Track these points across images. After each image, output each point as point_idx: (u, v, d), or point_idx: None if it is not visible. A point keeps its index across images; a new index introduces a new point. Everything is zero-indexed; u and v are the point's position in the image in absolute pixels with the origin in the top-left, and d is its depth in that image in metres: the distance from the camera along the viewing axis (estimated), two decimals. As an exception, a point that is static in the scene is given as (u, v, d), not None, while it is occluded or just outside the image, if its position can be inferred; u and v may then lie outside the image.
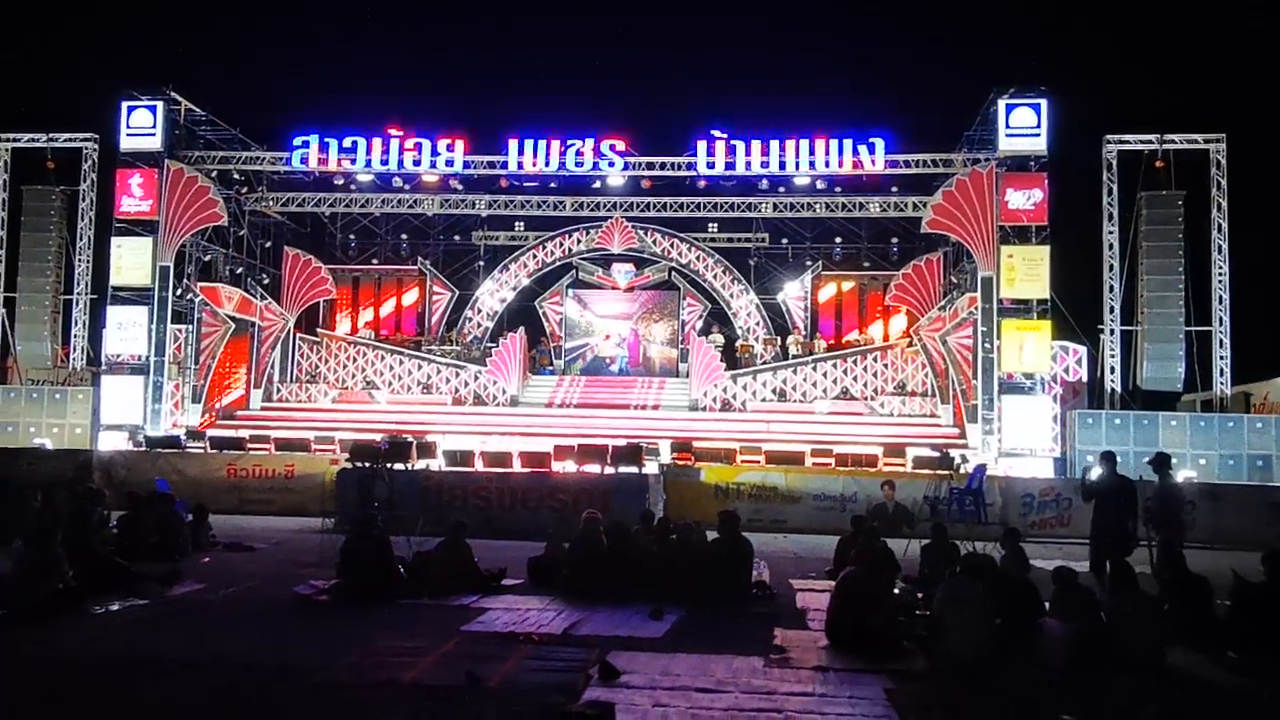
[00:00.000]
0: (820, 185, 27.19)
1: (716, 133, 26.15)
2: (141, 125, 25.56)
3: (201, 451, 21.73)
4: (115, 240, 25.60)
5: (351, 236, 32.44)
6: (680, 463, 19.88)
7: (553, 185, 28.43)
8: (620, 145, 26.50)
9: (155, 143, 25.49)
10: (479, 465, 18.77)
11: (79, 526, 11.17)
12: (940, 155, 25.90)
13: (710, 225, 30.66)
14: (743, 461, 19.97)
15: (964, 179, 24.41)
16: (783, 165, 26.01)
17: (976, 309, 24.21)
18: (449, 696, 6.60)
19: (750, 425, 25.93)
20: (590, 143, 26.39)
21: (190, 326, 26.54)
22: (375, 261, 32.26)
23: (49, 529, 10.13)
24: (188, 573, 11.32)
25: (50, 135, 28.52)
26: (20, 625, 8.58)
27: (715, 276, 31.04)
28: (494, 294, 31.57)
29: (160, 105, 25.51)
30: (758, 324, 30.79)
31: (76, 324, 28.43)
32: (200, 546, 13.43)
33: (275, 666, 7.46)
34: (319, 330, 31.02)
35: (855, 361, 29.08)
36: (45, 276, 28.27)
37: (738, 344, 30.36)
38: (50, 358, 28.16)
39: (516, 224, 31.25)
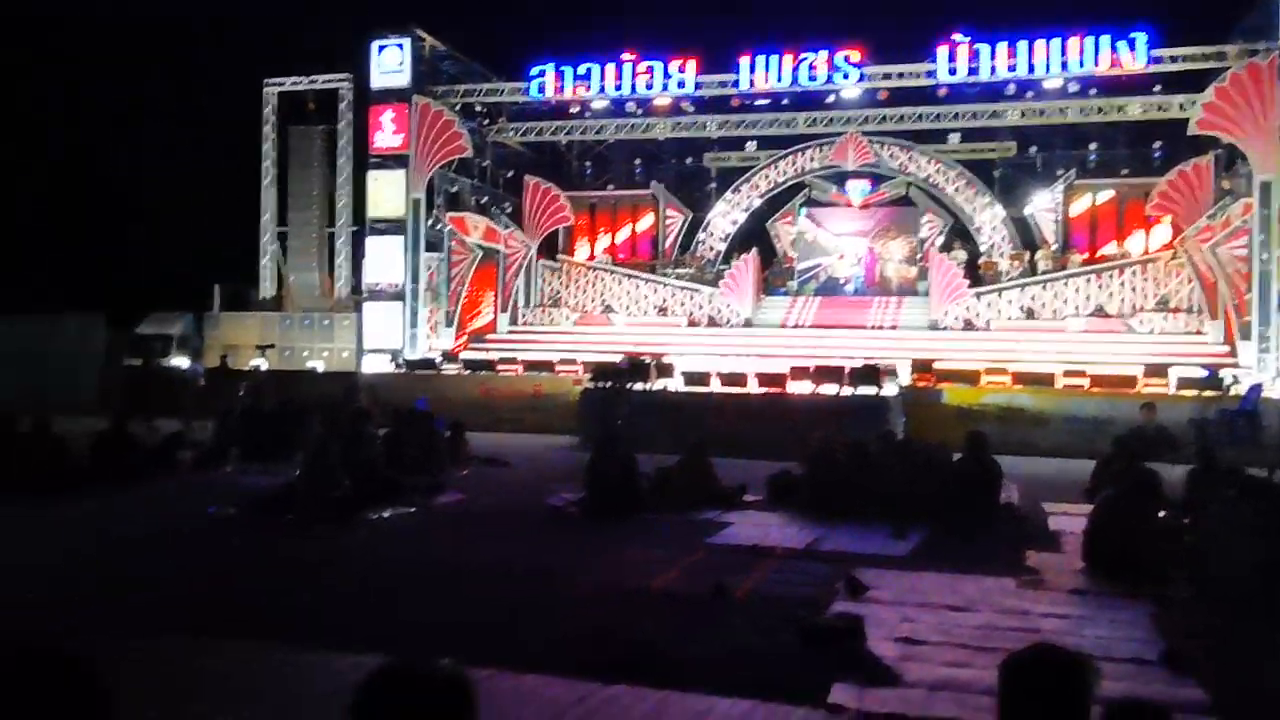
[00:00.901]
0: (1073, 88, 25.34)
1: (958, 36, 24.80)
2: (391, 64, 26.87)
3: (455, 373, 23.05)
4: (371, 175, 27.19)
5: (588, 163, 33.10)
6: (920, 384, 19.40)
7: (785, 102, 27.87)
8: (855, 56, 25.62)
9: (404, 79, 26.74)
10: (715, 385, 18.97)
11: (353, 442, 12.12)
12: (1211, 48, 23.57)
13: (951, 136, 29.27)
14: (988, 383, 19.26)
15: (1239, 73, 22.14)
16: (1031, 68, 24.42)
17: (1252, 217, 22.08)
18: (697, 605, 6.79)
19: (996, 345, 24.86)
20: (824, 55, 25.66)
21: (441, 255, 27.95)
22: (611, 187, 32.81)
23: (327, 444, 11.06)
24: (448, 485, 12.10)
25: (310, 78, 30.46)
26: (308, 529, 9.44)
27: (957, 190, 29.70)
28: (726, 216, 31.51)
29: (407, 43, 26.70)
30: (1004, 239, 29.30)
31: (340, 255, 30.51)
32: (458, 461, 14.27)
33: (531, 569, 7.91)
34: (559, 256, 31.99)
35: (1112, 277, 27.24)
36: (311, 211, 30.45)
37: (981, 260, 29.02)
38: (318, 287, 30.44)
39: (748, 144, 30.90)
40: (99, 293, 27.76)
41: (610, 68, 26.79)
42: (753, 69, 26.00)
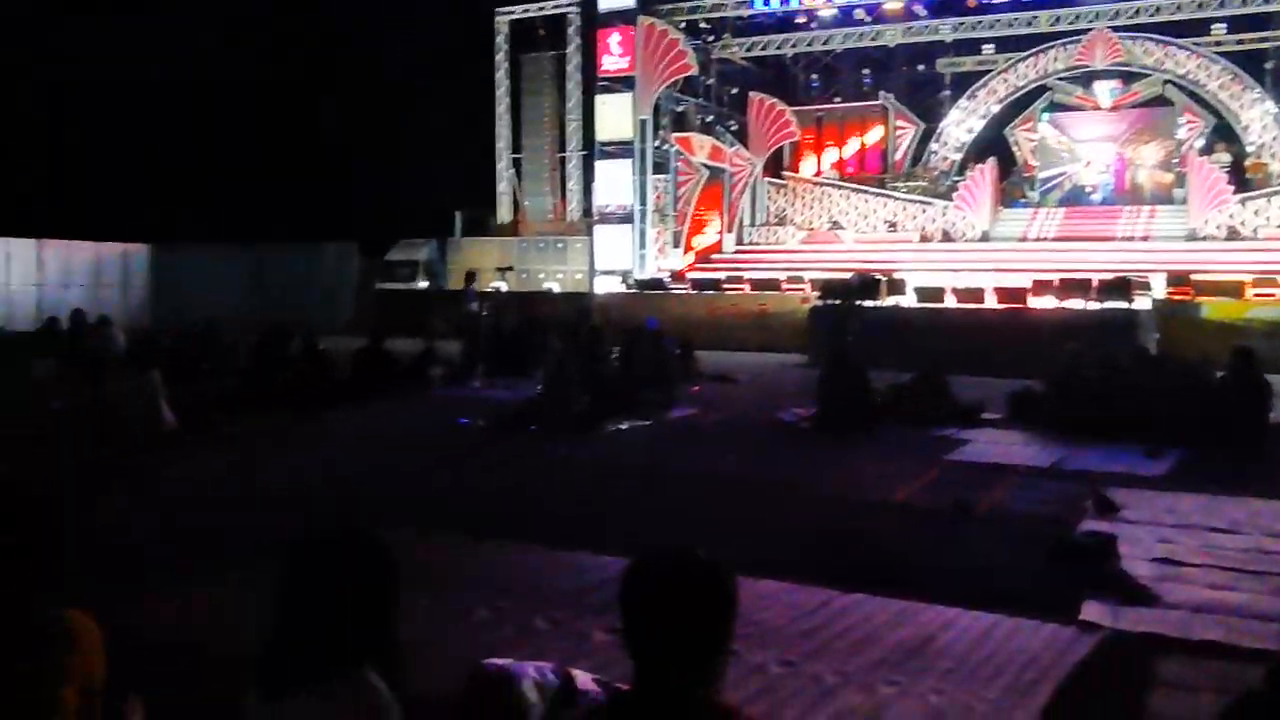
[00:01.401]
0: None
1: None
2: (616, -15, 27.02)
3: (683, 293, 23.31)
4: (599, 98, 27.59)
5: (813, 76, 32.31)
6: (1176, 297, 18.09)
7: (1025, 0, 26.21)
8: (1106, -56, 23.69)
9: (629, 0, 26.83)
10: (950, 302, 18.37)
11: (590, 359, 12.58)
12: None
13: (1214, 26, 26.64)
14: (1254, 296, 17.74)
15: None
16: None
17: None
18: (937, 519, 6.71)
19: (1264, 255, 22.79)
20: (1070, -54, 23.88)
21: (668, 176, 28.16)
22: (837, 100, 31.94)
23: (566, 361, 11.53)
24: (680, 400, 12.36)
25: (540, 4, 31.04)
26: (551, 439, 9.91)
27: (1221, 86, 27.07)
28: (960, 124, 30.07)
29: (631, -37, 26.73)
30: (1275, 138, 26.60)
31: (571, 179, 31.25)
32: (688, 377, 14.52)
33: (766, 480, 8.03)
34: (785, 173, 31.57)
35: (1406, 176, 24.36)
36: (543, 137, 31.29)
37: (1248, 162, 26.49)
38: (551, 211, 31.37)
39: (984, 47, 29.24)
40: (353, 223, 29.68)
41: (838, -27, 25.92)
42: (991, -34, 24.50)
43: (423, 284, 28.16)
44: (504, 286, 23.62)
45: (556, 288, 27.45)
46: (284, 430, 10.39)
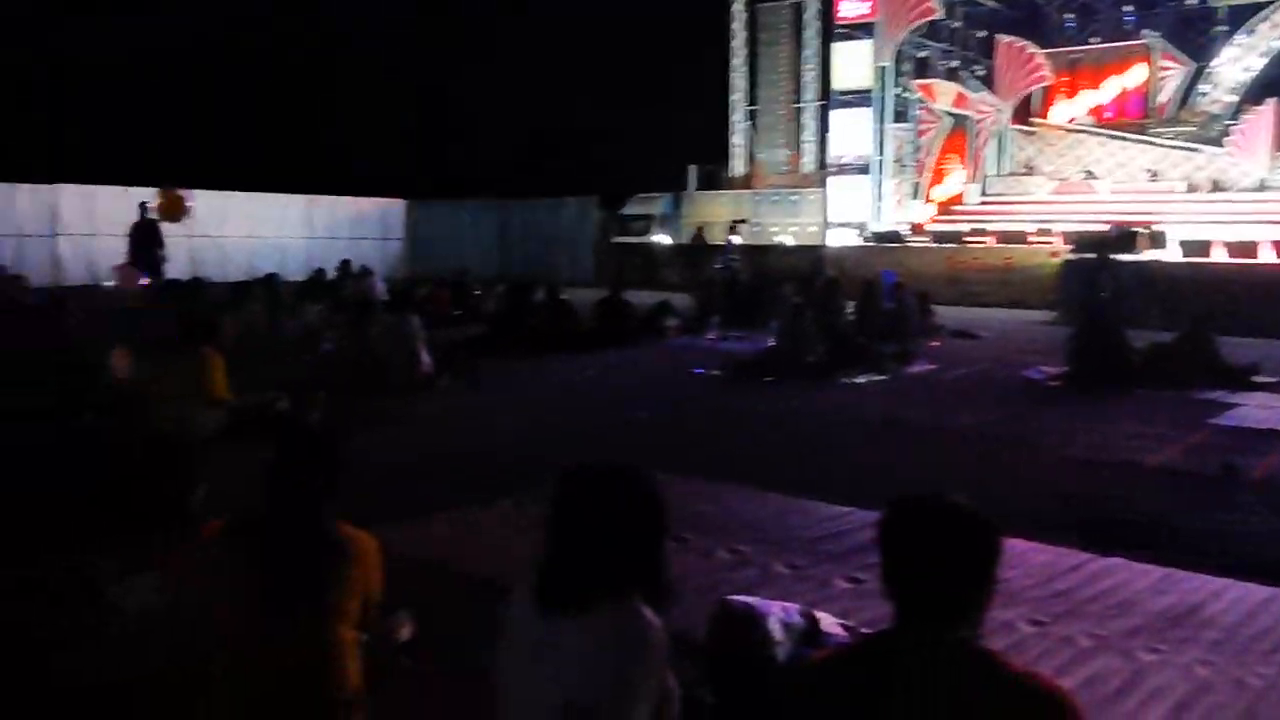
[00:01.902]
0: None
1: None
2: (858, -72, 26.21)
3: (921, 246, 22.60)
4: (836, 46, 26.96)
5: (1068, 16, 30.24)
6: None
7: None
8: None
9: (871, -56, 26.00)
10: (1219, 256, 16.96)
11: (825, 310, 12.44)
12: None
13: None
14: None
15: None
16: None
17: None
18: (1203, 484, 6.28)
19: None
20: None
21: (908, 124, 27.25)
22: (1094, 41, 29.81)
23: (801, 312, 11.46)
24: (919, 354, 12.05)
25: (779, -49, 30.55)
26: (785, 388, 9.90)
27: None
28: (1236, 63, 27.43)
29: (874, -96, 25.83)
30: None
31: (806, 130, 30.76)
32: (927, 332, 14.11)
33: (1010, 437, 7.73)
34: (1033, 120, 29.87)
35: None
36: (778, 88, 30.91)
37: None
38: (785, 164, 31.02)
39: (1268, -24, 26.56)
40: (593, 178, 30.40)
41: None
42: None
43: (657, 237, 28.57)
44: (737, 240, 23.62)
45: (789, 241, 27.21)
46: (529, 375, 10.88)
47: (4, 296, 9.58)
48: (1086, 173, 28.12)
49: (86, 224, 23.75)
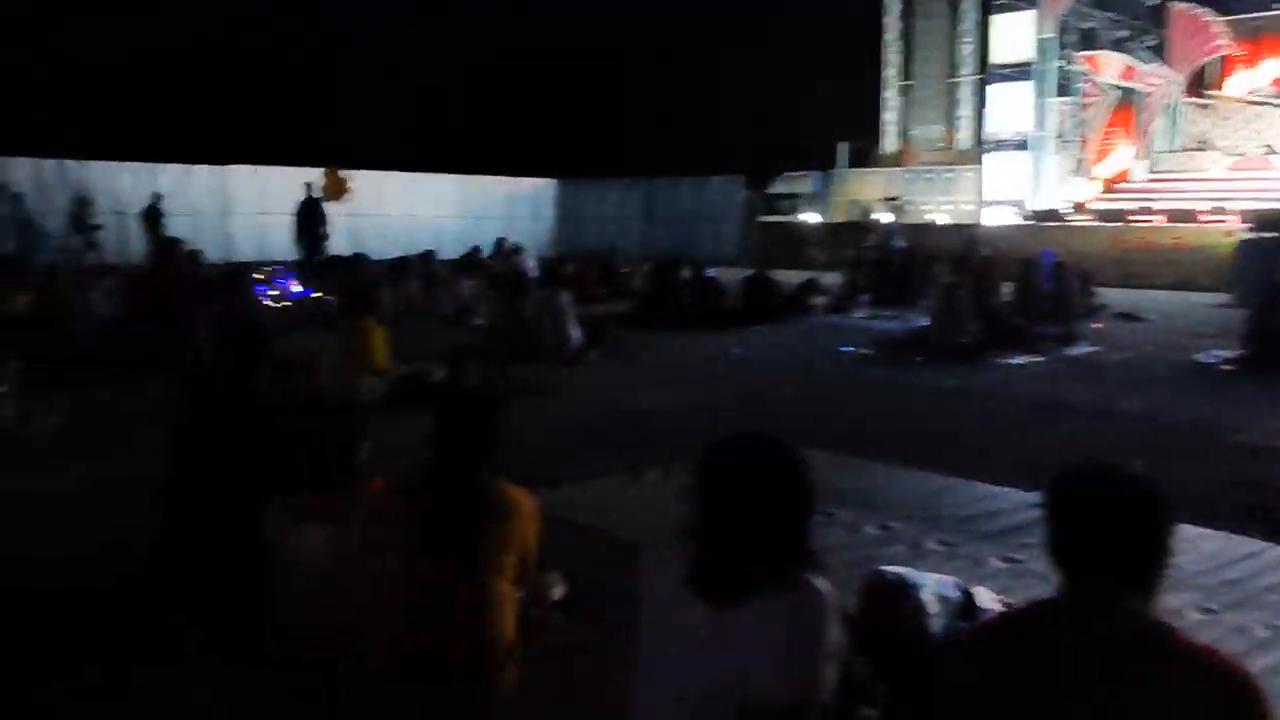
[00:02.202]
0: None
1: None
2: (1019, -106, 25.16)
3: (1083, 225, 21.66)
4: (995, 18, 25.98)
5: (1251, -20, 28.44)
6: None
7: None
8: None
9: (1034, -90, 24.94)
10: None
11: (980, 290, 12.07)
12: None
13: None
14: None
15: None
16: None
17: None
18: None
19: None
20: None
21: (1071, 99, 26.11)
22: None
23: (955, 291, 11.15)
24: (1080, 336, 11.58)
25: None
26: (937, 368, 9.67)
27: None
28: None
29: None
30: None
31: (961, 106, 29.80)
32: (1089, 313, 13.55)
33: (1181, 421, 7.37)
34: (1208, 92, 28.17)
35: None
36: (934, 62, 30.03)
37: None
38: (939, 140, 30.16)
39: None
40: (739, 156, 30.21)
41: None
42: None
43: (804, 216, 28.21)
44: (888, 218, 23.14)
45: (942, 220, 26.47)
46: (676, 350, 10.93)
47: (183, 270, 10.15)
48: (1267, 148, 26.39)
49: (256, 203, 24.99)
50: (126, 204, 22.36)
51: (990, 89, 26.39)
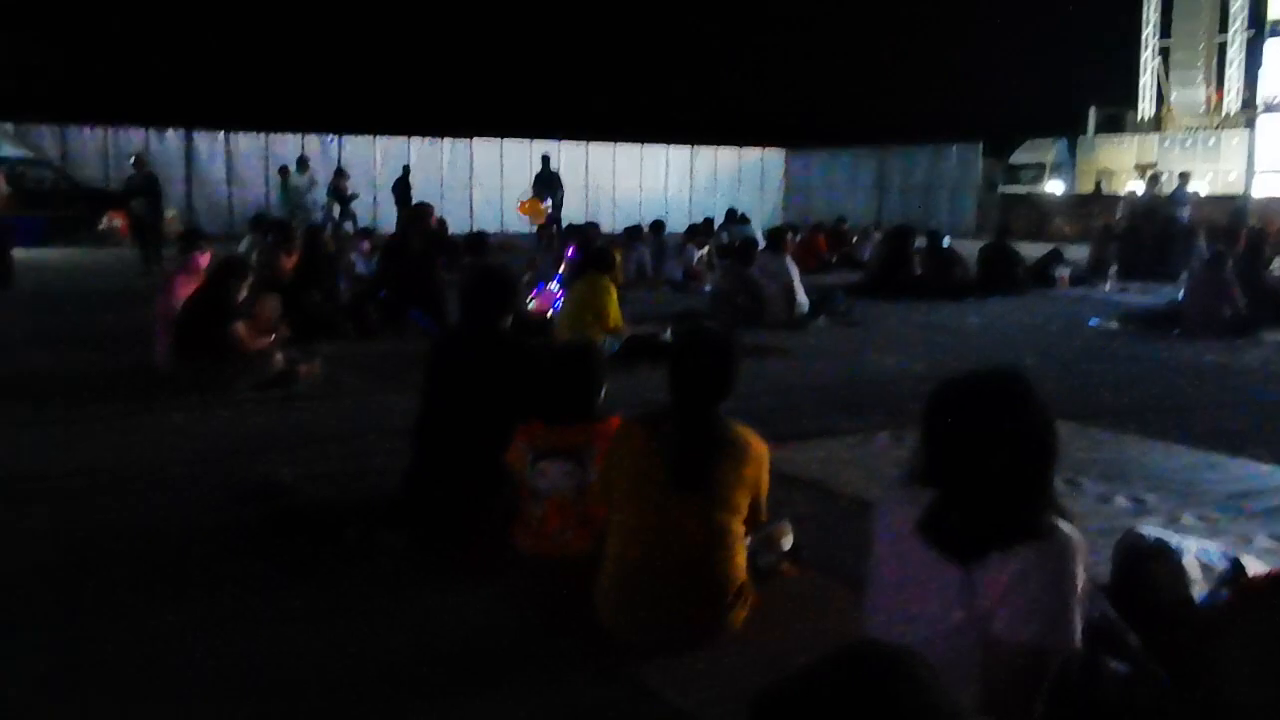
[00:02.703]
0: None
1: None
2: None
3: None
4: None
5: None
6: None
7: None
8: None
9: None
10: None
11: (1249, 263, 11.11)
12: None
13: None
14: None
15: None
16: None
17: None
18: None
19: None
20: None
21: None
22: None
23: (1217, 263, 10.33)
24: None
25: None
26: (1196, 344, 8.99)
27: None
28: None
29: None
30: None
31: (1231, 65, 27.42)
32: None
33: None
34: None
35: None
36: (1198, 19, 27.72)
37: None
38: (1203, 103, 27.88)
39: None
40: (978, 123, 29.02)
41: None
42: None
43: (1049, 186, 26.80)
44: (1141, 189, 21.59)
45: (1203, 190, 24.52)
46: (908, 319, 10.64)
47: (430, 231, 10.69)
48: None
49: (495, 174, 26.08)
50: (378, 176, 23.84)
51: (1268, 45, 24.15)
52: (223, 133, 24.06)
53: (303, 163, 19.59)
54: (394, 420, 5.42)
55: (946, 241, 13.77)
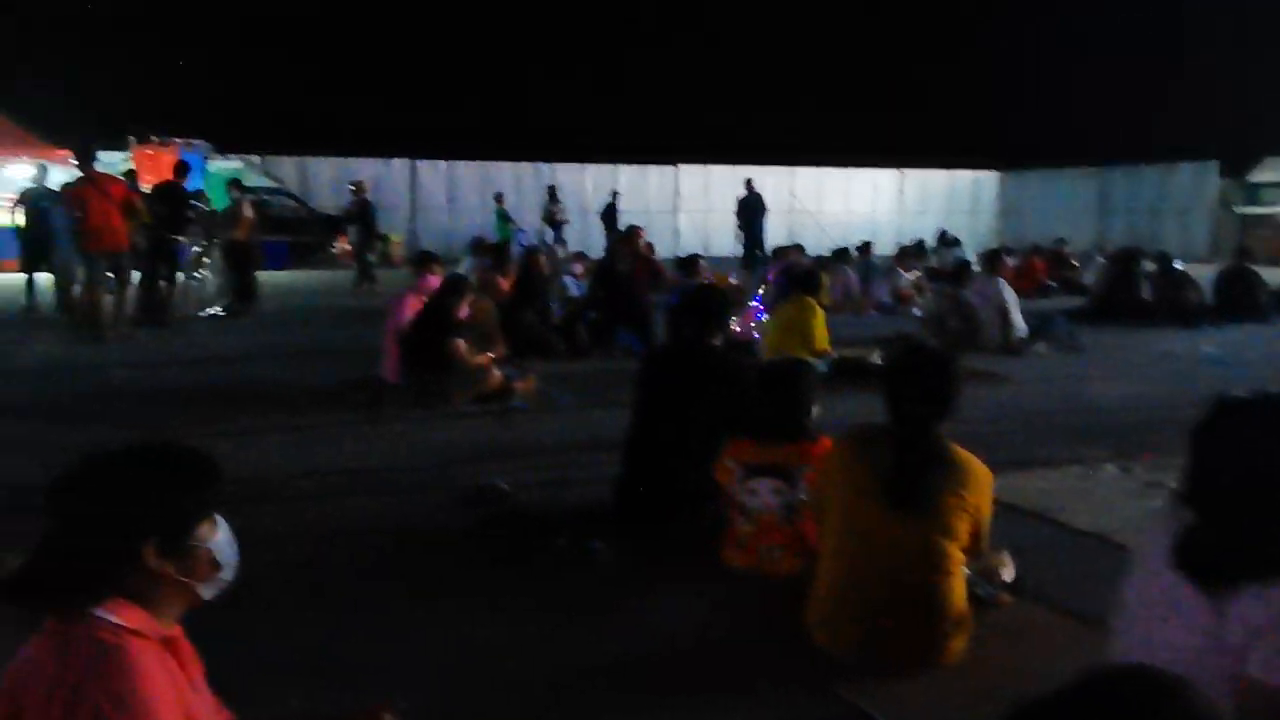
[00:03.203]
0: None
1: None
2: None
3: None
4: None
5: None
6: None
7: None
8: None
9: None
10: None
11: None
12: None
13: None
14: None
15: None
16: None
17: None
18: None
19: None
20: None
21: None
22: None
23: None
24: None
25: None
26: None
27: None
28: None
29: None
30: None
31: None
32: None
33: None
34: None
35: None
36: None
37: None
38: None
39: None
40: (1212, 140, 27.13)
41: None
42: None
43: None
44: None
45: None
46: (1136, 346, 10.07)
47: (638, 254, 10.89)
48: None
49: (702, 200, 26.33)
50: (588, 202, 24.50)
51: None
52: (444, 162, 25.32)
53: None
54: (603, 434, 5.55)
55: (1178, 265, 12.94)
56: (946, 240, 18.23)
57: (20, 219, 12.36)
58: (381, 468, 5.28)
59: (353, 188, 16.48)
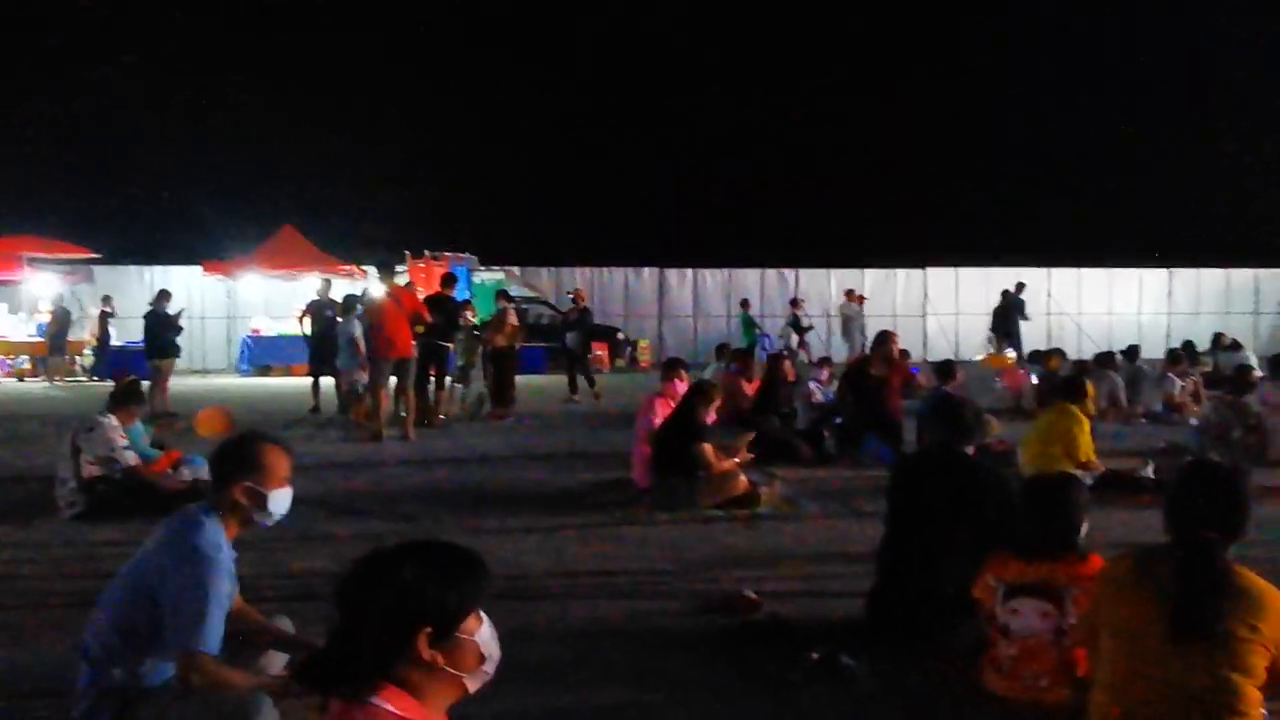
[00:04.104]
0: None
1: None
2: None
3: None
4: None
5: None
6: None
7: None
8: None
9: None
10: None
11: None
12: None
13: None
14: None
15: None
16: None
17: None
18: None
19: None
20: None
21: None
22: None
23: None
24: None
25: None
26: None
27: None
28: None
29: None
30: None
31: None
32: None
33: None
34: None
35: None
36: None
37: None
38: None
39: None
40: None
41: None
42: None
43: None
44: None
45: None
46: None
47: (891, 358, 10.66)
48: None
49: (951, 303, 25.65)
50: (830, 305, 24.39)
51: None
52: (690, 270, 25.95)
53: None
54: (851, 545, 5.43)
55: None
56: (1224, 344, 16.89)
57: (308, 327, 13.55)
58: (629, 569, 5.36)
59: (571, 295, 17.05)
